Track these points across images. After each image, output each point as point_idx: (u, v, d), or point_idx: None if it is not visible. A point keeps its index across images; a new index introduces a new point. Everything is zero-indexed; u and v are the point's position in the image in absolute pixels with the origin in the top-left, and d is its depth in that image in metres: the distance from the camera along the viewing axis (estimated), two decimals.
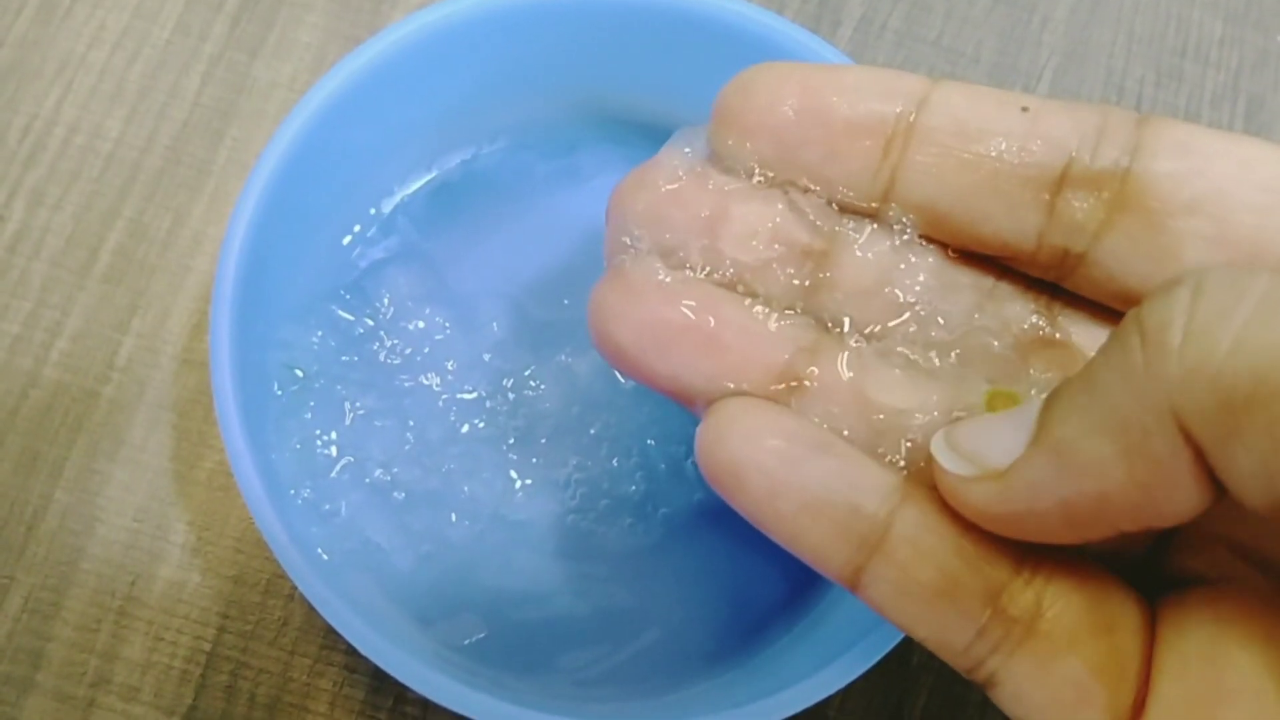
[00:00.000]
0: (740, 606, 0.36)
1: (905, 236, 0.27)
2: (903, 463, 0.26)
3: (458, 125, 0.38)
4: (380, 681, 0.36)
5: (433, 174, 0.39)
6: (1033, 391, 0.26)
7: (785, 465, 0.25)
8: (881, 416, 0.26)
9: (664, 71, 0.37)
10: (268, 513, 0.30)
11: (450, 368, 0.36)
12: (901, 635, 0.31)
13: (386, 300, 0.37)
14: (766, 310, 0.27)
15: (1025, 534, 0.24)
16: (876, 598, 0.25)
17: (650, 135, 0.38)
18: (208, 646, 0.37)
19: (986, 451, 0.24)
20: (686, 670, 0.35)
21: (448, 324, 0.37)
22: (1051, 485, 0.23)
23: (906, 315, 0.27)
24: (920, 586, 0.25)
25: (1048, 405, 0.23)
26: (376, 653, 0.29)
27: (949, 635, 0.25)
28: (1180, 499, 0.21)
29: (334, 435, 0.35)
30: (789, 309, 0.27)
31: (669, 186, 0.27)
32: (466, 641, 0.35)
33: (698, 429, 0.26)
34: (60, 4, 0.43)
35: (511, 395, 0.36)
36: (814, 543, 0.25)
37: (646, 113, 0.38)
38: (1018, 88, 0.45)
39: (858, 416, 0.26)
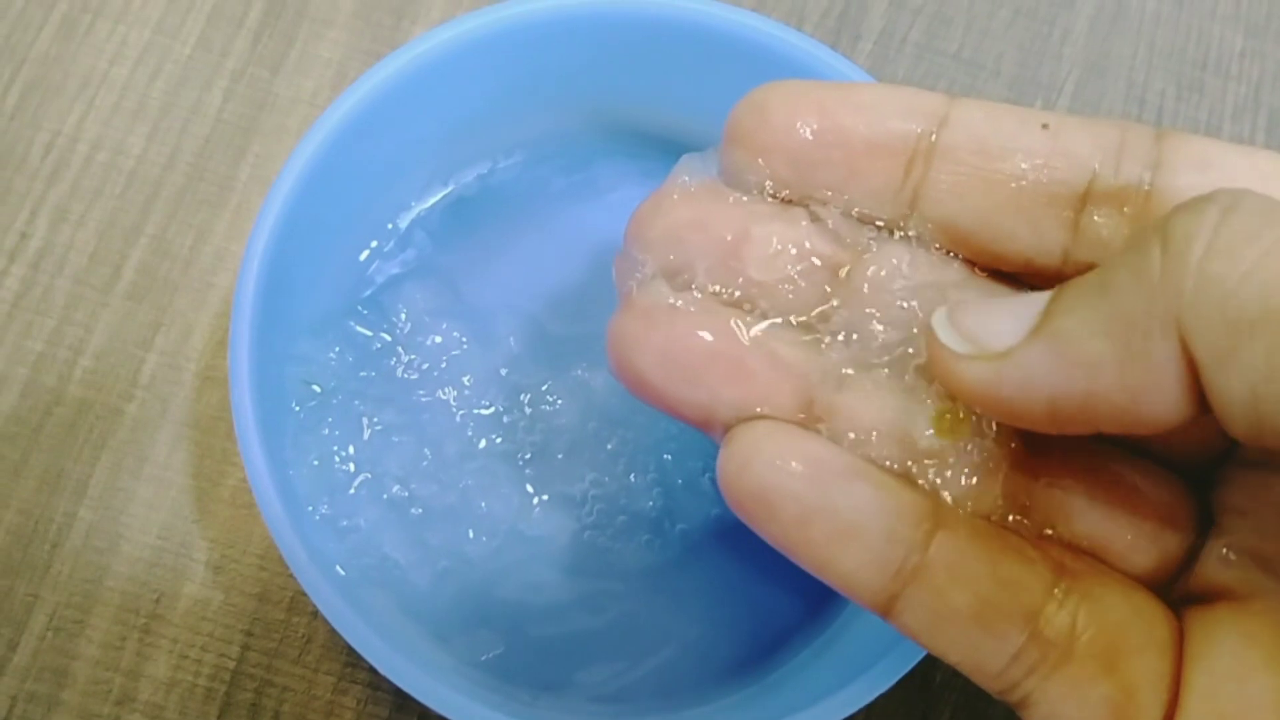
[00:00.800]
0: (758, 622, 0.36)
1: (924, 250, 0.27)
2: (934, 486, 0.26)
3: (474, 140, 0.38)
4: (403, 699, 0.36)
5: (449, 188, 0.39)
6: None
7: (815, 491, 0.25)
8: (908, 438, 0.26)
9: (682, 85, 0.37)
10: (287, 532, 0.30)
11: (467, 383, 0.36)
12: (923, 653, 0.31)
13: (403, 315, 0.37)
14: (787, 332, 0.27)
15: (1008, 418, 0.24)
16: (911, 624, 0.25)
17: (668, 149, 0.38)
18: (232, 664, 0.37)
19: (987, 333, 0.24)
20: (704, 686, 0.35)
21: (464, 339, 0.37)
22: (1044, 375, 0.23)
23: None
24: (957, 612, 0.25)
25: (1055, 296, 0.23)
26: (393, 670, 0.29)
27: (984, 659, 0.25)
28: (1163, 410, 0.22)
29: (351, 450, 0.35)
30: (810, 329, 0.27)
31: (684, 210, 0.27)
32: (484, 657, 0.35)
33: (720, 454, 0.26)
34: (82, 21, 0.43)
35: (528, 410, 0.36)
36: (847, 570, 0.25)
37: (664, 127, 0.39)
38: (1038, 101, 0.45)
39: (885, 438, 0.26)
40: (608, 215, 0.38)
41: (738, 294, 0.27)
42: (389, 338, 0.37)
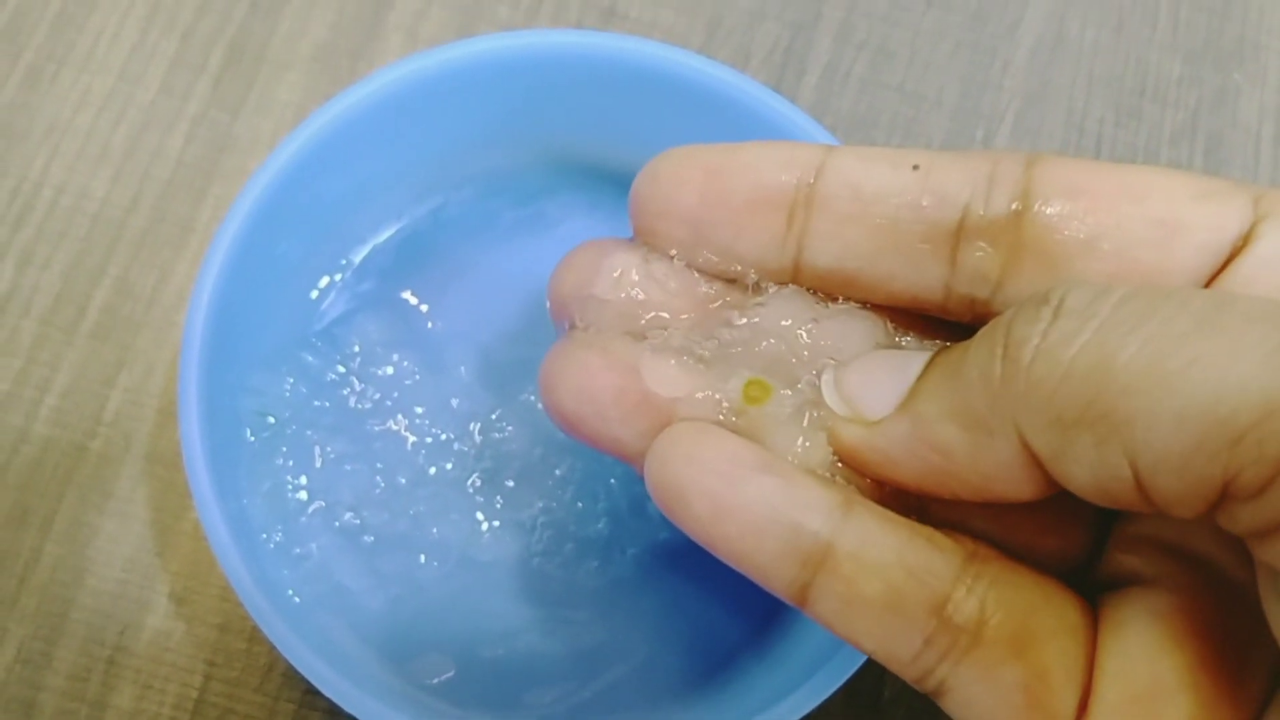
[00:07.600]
0: (706, 642, 0.36)
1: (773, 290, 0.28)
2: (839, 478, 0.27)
3: (427, 175, 0.39)
4: None
5: (403, 222, 0.39)
6: (801, 386, 0.27)
7: (727, 486, 0.26)
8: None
9: (628, 123, 0.37)
10: (233, 557, 0.31)
11: (419, 412, 0.37)
12: (856, 665, 0.31)
13: (357, 347, 0.37)
14: (693, 364, 0.28)
15: (881, 478, 0.26)
16: (824, 613, 0.26)
17: (615, 183, 0.39)
18: (194, 694, 0.37)
19: (863, 401, 0.26)
20: (653, 706, 0.36)
21: (416, 369, 0.37)
22: (907, 450, 0.25)
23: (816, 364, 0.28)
24: (866, 600, 0.25)
25: (925, 372, 0.25)
26: (331, 687, 0.30)
27: (896, 647, 0.25)
28: (1016, 491, 0.24)
29: (304, 480, 0.36)
30: (707, 361, 0.28)
31: (588, 265, 0.28)
32: (435, 680, 0.35)
33: (647, 454, 0.27)
34: (46, 70, 0.44)
35: (479, 438, 0.37)
36: (759, 562, 0.26)
37: (611, 162, 0.39)
38: (980, 130, 0.46)
39: (800, 452, 0.27)
40: (556, 247, 0.37)
41: (663, 337, 0.28)
42: (343, 369, 0.37)
